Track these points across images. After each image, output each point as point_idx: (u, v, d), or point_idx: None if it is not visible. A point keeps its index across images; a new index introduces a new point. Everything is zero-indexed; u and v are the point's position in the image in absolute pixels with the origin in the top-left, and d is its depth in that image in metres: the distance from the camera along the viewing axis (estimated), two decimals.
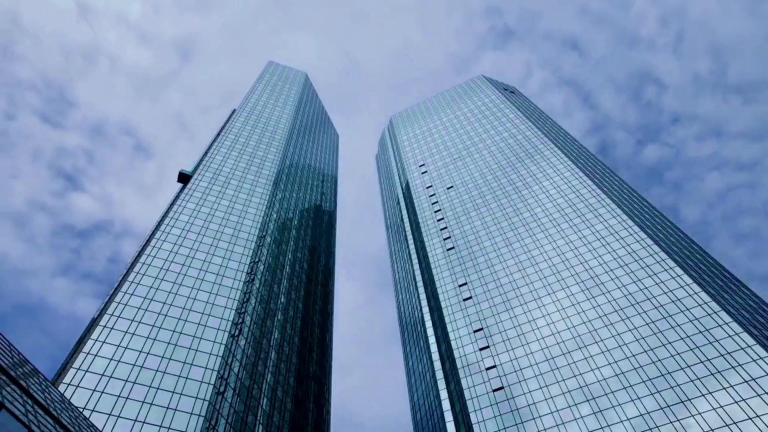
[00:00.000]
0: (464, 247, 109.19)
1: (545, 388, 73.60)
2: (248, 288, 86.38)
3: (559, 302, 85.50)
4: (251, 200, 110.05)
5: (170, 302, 76.02)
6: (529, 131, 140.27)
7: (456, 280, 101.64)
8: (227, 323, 76.39)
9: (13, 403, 24.02)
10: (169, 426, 58.74)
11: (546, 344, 79.66)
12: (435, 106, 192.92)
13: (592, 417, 67.00)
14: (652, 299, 77.87)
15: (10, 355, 31.38)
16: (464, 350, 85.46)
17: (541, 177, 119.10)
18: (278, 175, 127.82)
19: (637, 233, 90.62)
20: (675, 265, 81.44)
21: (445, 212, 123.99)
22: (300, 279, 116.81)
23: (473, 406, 75.71)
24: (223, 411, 64.93)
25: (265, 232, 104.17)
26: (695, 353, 67.77)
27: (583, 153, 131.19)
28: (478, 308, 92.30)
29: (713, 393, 62.52)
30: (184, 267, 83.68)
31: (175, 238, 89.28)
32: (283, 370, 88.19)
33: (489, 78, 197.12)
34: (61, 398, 35.69)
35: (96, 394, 58.68)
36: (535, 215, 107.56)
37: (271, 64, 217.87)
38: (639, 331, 74.40)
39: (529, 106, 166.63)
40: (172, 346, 69.09)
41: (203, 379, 66.03)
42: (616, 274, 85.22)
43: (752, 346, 65.14)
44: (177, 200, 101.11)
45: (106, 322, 68.67)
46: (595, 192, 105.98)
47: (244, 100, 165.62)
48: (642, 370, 69.25)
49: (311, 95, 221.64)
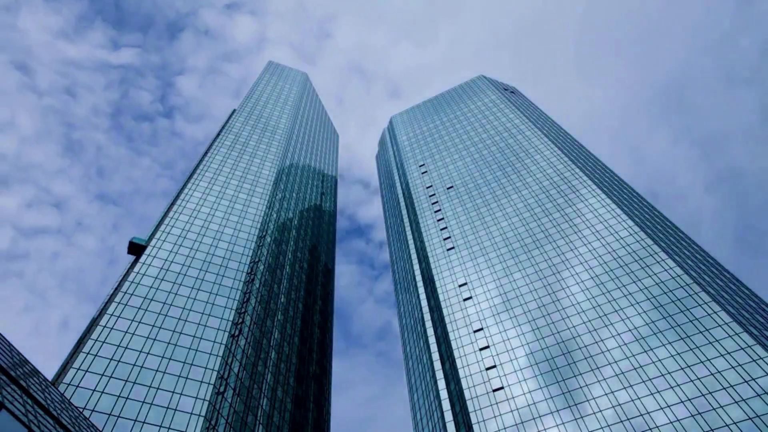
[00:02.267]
0: (464, 247, 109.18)
1: (545, 388, 73.60)
2: (248, 288, 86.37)
3: (559, 302, 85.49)
4: (251, 200, 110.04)
5: (170, 302, 76.02)
6: (529, 131, 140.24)
7: (456, 280, 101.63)
8: (227, 323, 76.38)
9: (13, 403, 24.02)
10: (169, 426, 58.74)
11: (546, 344, 79.65)
12: (435, 106, 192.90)
13: (591, 417, 67.00)
14: (652, 299, 77.84)
15: (10, 355, 31.37)
16: (464, 350, 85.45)
17: (540, 177, 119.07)
18: (278, 175, 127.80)
19: (637, 233, 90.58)
20: (675, 265, 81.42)
21: (445, 212, 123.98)
22: (300, 279, 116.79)
23: (473, 406, 75.70)
24: (223, 411, 64.93)
25: (265, 232, 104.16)
26: (695, 353, 67.76)
27: (583, 153, 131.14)
28: (478, 308, 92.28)
29: (713, 393, 62.52)
30: (184, 267, 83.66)
31: (176, 238, 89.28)
32: (283, 370, 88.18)
33: (489, 78, 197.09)
34: (61, 398, 35.67)
35: (96, 394, 58.68)
36: (535, 215, 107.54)
37: (271, 64, 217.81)
38: (639, 331, 74.38)
39: (529, 105, 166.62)
40: (172, 346, 69.09)
41: (203, 379, 66.04)
42: (616, 274, 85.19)
43: (752, 346, 65.15)
44: (177, 200, 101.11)
45: (106, 322, 68.67)
46: (594, 192, 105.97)
47: (244, 100, 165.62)
48: (642, 370, 69.23)
49: (311, 95, 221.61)
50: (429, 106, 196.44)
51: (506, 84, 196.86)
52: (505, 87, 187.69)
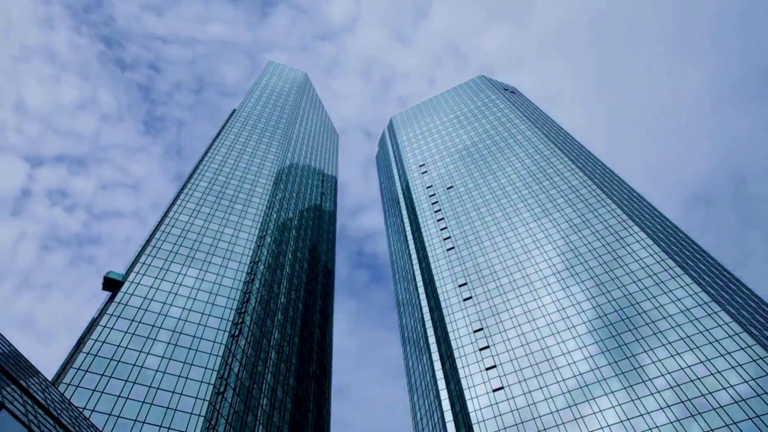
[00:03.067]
0: (464, 247, 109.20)
1: (545, 388, 73.60)
2: (248, 288, 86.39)
3: (559, 302, 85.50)
4: (251, 200, 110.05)
5: (170, 302, 76.02)
6: (529, 131, 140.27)
7: (456, 280, 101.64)
8: (227, 323, 76.39)
9: (13, 403, 24.02)
10: (169, 426, 58.75)
11: (546, 344, 79.66)
12: (435, 105, 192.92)
13: (592, 417, 67.02)
14: (652, 299, 77.87)
15: (10, 355, 31.38)
16: (464, 350, 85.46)
17: (540, 177, 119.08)
18: (278, 175, 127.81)
19: (637, 233, 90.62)
20: (675, 265, 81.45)
21: (445, 212, 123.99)
22: (300, 279, 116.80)
23: (473, 406, 75.71)
24: (223, 411, 64.94)
25: (265, 232, 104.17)
26: (695, 353, 67.78)
27: (584, 153, 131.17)
28: (478, 308, 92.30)
29: (713, 393, 62.54)
30: (184, 267, 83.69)
31: (175, 238, 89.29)
32: (283, 370, 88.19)
33: (489, 78, 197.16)
34: (61, 398, 35.68)
35: (96, 394, 58.69)
36: (536, 215, 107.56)
37: (271, 64, 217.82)
38: (639, 331, 74.40)
39: (529, 105, 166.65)
40: (172, 346, 69.10)
41: (203, 379, 66.04)
42: (617, 274, 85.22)
43: (752, 346, 65.17)
44: (177, 200, 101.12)
45: (106, 322, 68.68)
46: (595, 193, 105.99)
47: (244, 100, 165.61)
48: (642, 370, 69.26)
49: (311, 95, 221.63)
50: (429, 106, 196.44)
51: (506, 84, 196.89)
52: (505, 87, 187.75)
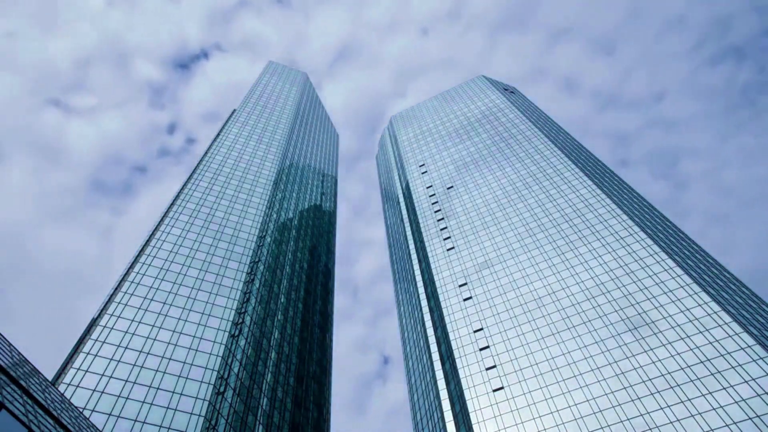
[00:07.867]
0: (464, 247, 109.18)
1: (545, 388, 73.60)
2: (248, 288, 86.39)
3: (559, 302, 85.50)
4: (251, 200, 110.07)
5: (170, 302, 76.03)
6: (529, 131, 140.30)
7: (456, 280, 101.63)
8: (227, 323, 76.40)
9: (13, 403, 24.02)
10: (169, 426, 58.75)
11: (546, 344, 79.65)
12: (435, 105, 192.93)
13: (592, 417, 67.01)
14: (652, 299, 77.87)
15: (10, 355, 31.38)
16: (464, 350, 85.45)
17: (540, 177, 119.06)
18: (278, 175, 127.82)
19: (637, 233, 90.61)
20: (675, 265, 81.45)
21: (445, 212, 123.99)
22: (300, 279, 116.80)
23: (473, 406, 75.70)
24: (223, 411, 64.94)
25: (265, 232, 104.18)
26: (695, 353, 67.78)
27: (584, 153, 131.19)
28: (478, 308, 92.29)
29: (713, 393, 62.53)
30: (184, 267, 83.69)
31: (175, 238, 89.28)
32: (283, 370, 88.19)
33: (489, 78, 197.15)
34: (61, 398, 35.68)
35: (96, 394, 58.69)
36: (536, 215, 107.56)
37: (271, 64, 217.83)
38: (639, 331, 74.41)
39: (529, 105, 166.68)
40: (172, 346, 69.11)
41: (203, 379, 66.05)
42: (617, 274, 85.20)
43: (752, 346, 65.16)
44: (177, 200, 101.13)
45: (106, 322, 68.68)
46: (596, 194, 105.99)
47: (244, 100, 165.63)
48: (642, 370, 69.25)
49: (311, 95, 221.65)
50: (429, 105, 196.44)
51: (506, 84, 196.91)
52: (505, 87, 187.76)
